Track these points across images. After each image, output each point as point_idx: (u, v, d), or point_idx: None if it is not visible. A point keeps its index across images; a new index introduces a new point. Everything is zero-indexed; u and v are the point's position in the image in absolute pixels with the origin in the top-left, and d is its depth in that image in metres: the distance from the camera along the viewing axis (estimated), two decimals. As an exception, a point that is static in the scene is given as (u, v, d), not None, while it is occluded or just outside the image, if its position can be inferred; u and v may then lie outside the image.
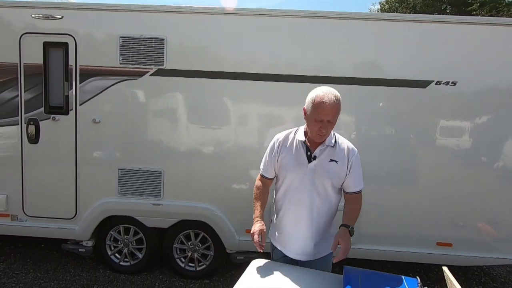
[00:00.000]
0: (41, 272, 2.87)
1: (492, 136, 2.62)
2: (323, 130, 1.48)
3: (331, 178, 1.57)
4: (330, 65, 2.61)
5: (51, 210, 2.81)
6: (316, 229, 1.60)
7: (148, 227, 2.81)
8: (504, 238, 2.68)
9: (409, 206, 2.67)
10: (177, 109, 2.72)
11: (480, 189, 2.64)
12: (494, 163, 2.66)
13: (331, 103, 1.44)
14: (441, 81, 2.55)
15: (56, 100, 2.73)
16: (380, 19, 2.63)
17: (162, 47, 2.61)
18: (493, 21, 2.63)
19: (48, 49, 2.68)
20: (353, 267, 1.46)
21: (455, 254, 2.69)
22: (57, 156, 2.77)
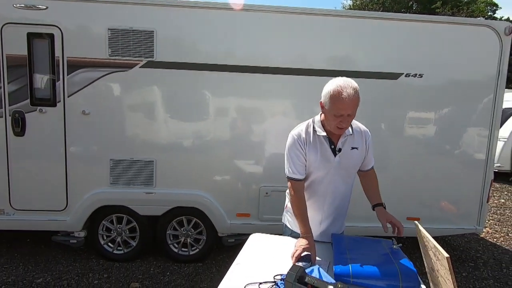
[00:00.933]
0: (32, 265, 2.87)
1: (454, 124, 2.97)
2: (343, 124, 1.44)
3: (355, 165, 1.62)
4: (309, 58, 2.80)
5: (40, 203, 2.80)
6: (338, 212, 1.67)
7: (141, 215, 2.90)
8: (461, 213, 3.07)
9: (383, 188, 2.96)
10: (167, 100, 2.81)
11: (443, 172, 2.98)
12: (455, 150, 3.02)
13: (350, 97, 1.37)
14: (410, 73, 2.86)
15: (43, 92, 2.71)
16: (355, 16, 2.86)
17: (152, 40, 2.68)
18: (455, 21, 2.97)
19: (33, 40, 2.64)
20: (339, 234, 1.69)
21: (423, 226, 3.04)
22: (45, 148, 2.76)
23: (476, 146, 3.00)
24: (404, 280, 1.22)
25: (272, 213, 2.74)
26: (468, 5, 20.21)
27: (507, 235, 4.11)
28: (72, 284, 2.58)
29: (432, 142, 3.00)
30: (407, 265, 1.30)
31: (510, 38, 2.87)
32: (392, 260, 1.34)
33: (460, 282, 2.87)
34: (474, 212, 3.05)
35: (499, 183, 7.03)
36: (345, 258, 1.37)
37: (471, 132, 2.99)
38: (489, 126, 2.95)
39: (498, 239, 3.96)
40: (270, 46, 2.78)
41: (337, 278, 1.26)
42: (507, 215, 4.92)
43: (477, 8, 21.03)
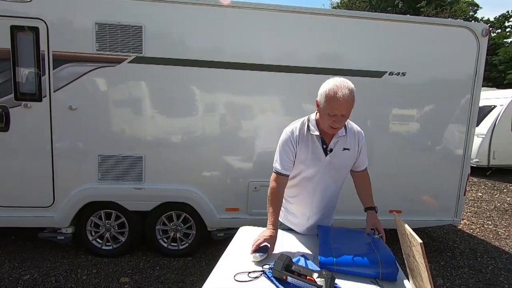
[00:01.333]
0: (18, 262, 2.83)
1: (434, 122, 3.10)
2: (337, 124, 1.46)
3: (346, 165, 1.66)
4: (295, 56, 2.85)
5: (26, 199, 2.76)
6: (327, 209, 1.72)
7: (130, 211, 2.90)
8: (440, 205, 3.22)
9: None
10: (156, 96, 2.81)
11: (423, 167, 3.12)
12: (435, 146, 3.16)
13: (345, 98, 1.39)
14: (394, 71, 2.96)
15: (28, 86, 2.66)
16: (341, 15, 2.93)
17: (140, 35, 2.67)
18: (436, 22, 3.07)
19: (17, 33, 2.59)
20: (325, 226, 1.77)
21: (404, 219, 3.18)
22: (31, 143, 2.71)
23: (454, 142, 3.15)
24: (384, 266, 1.31)
25: (261, 208, 2.77)
26: (451, 5, 20.78)
27: (482, 226, 4.34)
28: (60, 280, 2.57)
29: (414, 139, 3.13)
30: (386, 253, 1.39)
31: (487, 39, 3.02)
32: (373, 249, 1.43)
33: (438, 270, 3.03)
34: (452, 205, 3.22)
35: (477, 178, 7.37)
36: (330, 248, 1.45)
37: (450, 129, 3.13)
38: (467, 123, 3.11)
39: (474, 230, 4.18)
40: (258, 43, 2.82)
41: (322, 266, 1.34)
42: (483, 208, 5.19)
43: (460, 8, 21.65)
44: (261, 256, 1.36)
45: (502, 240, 3.87)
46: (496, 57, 19.13)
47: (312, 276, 1.22)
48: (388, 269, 1.30)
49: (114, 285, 2.54)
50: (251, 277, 1.29)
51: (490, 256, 3.40)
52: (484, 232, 4.13)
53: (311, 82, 2.78)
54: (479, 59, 3.01)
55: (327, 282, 1.17)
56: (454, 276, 2.94)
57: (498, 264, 3.21)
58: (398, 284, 1.29)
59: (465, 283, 2.82)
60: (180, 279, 2.68)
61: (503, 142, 7.29)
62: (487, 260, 3.30)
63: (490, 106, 7.70)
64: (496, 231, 4.16)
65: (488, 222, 4.50)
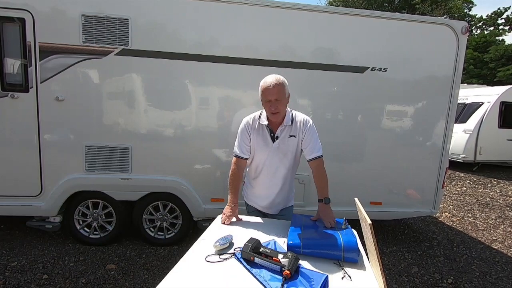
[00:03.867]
0: (6, 249, 2.89)
1: (414, 117, 3.20)
2: (273, 108, 1.73)
3: (291, 150, 1.87)
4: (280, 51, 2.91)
5: (14, 188, 2.81)
6: (280, 189, 1.93)
7: (117, 201, 2.97)
8: (419, 197, 3.34)
9: (350, 175, 3.19)
10: (142, 88, 2.86)
11: (404, 161, 3.23)
12: (415, 140, 3.26)
13: (273, 85, 1.71)
14: (376, 67, 3.04)
15: (14, 77, 2.69)
16: (326, 11, 2.98)
17: (127, 27, 2.70)
18: (417, 19, 3.14)
19: (2, 24, 2.61)
20: (299, 214, 1.86)
21: (384, 210, 3.31)
22: (18, 133, 2.76)
23: (433, 137, 3.26)
24: (346, 250, 1.40)
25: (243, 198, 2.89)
26: (446, 2, 20.87)
27: (462, 218, 4.49)
28: (48, 267, 2.64)
29: (394, 133, 3.22)
30: (350, 238, 1.48)
31: (466, 37, 3.11)
32: (339, 236, 1.52)
33: (415, 259, 3.16)
34: (431, 197, 3.34)
35: (463, 173, 7.56)
36: (299, 233, 1.54)
37: (429, 124, 3.24)
38: (446, 119, 3.21)
39: (454, 222, 4.33)
40: (248, 38, 2.87)
41: (289, 249, 1.43)
42: (466, 201, 5.35)
43: (455, 5, 21.74)
44: (221, 245, 1.44)
45: (479, 232, 4.02)
46: (487, 54, 19.32)
47: (277, 257, 1.31)
48: (349, 252, 1.40)
49: (101, 271, 2.62)
50: (221, 258, 1.38)
51: (466, 246, 3.54)
52: (464, 224, 4.28)
53: (304, 77, 2.90)
54: (458, 56, 3.10)
55: (290, 262, 1.26)
56: (429, 264, 3.08)
57: (472, 254, 3.35)
58: (359, 266, 1.39)
59: (439, 271, 2.95)
60: (165, 267, 2.76)
61: (489, 138, 7.47)
62: (462, 250, 3.44)
63: (478, 103, 7.86)
64: (475, 223, 4.32)
65: (469, 215, 4.65)
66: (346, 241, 1.45)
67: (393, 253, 3.26)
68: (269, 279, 1.23)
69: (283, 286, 1.17)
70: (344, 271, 1.31)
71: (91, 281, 2.47)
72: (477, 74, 19.55)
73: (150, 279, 2.55)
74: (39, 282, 2.43)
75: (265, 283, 1.20)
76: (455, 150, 7.57)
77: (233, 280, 1.23)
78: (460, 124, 7.59)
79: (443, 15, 19.00)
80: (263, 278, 1.24)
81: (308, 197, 3.04)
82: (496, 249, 3.51)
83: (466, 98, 8.13)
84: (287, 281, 1.21)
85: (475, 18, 24.08)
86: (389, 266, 2.99)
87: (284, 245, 1.51)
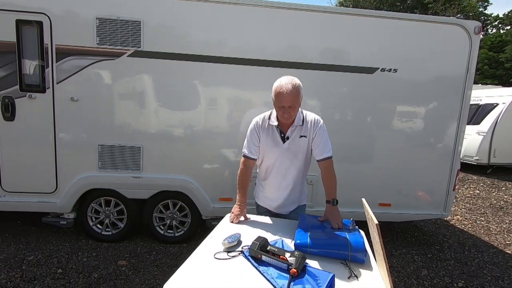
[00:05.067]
0: (23, 244, 3.00)
1: (425, 118, 3.17)
2: (285, 114, 1.71)
3: (302, 151, 1.85)
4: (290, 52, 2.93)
5: (30, 185, 2.92)
6: (291, 190, 1.92)
7: (129, 199, 3.04)
8: (430, 200, 3.30)
9: (359, 176, 3.17)
10: (154, 89, 2.92)
11: (414, 162, 3.19)
12: (426, 142, 3.22)
13: (288, 92, 1.65)
14: (385, 68, 3.03)
15: (32, 78, 2.79)
16: (335, 12, 2.99)
17: (139, 29, 2.77)
18: (429, 19, 3.10)
19: (21, 27, 2.71)
20: (306, 214, 1.87)
21: (393, 212, 3.28)
22: (35, 132, 2.86)
23: (444, 138, 3.21)
24: (352, 250, 1.41)
25: (253, 198, 2.90)
26: (460, 1, 20.41)
27: (475, 222, 4.40)
28: (62, 262, 2.73)
29: (404, 134, 3.19)
30: (357, 238, 1.49)
31: (479, 37, 3.06)
32: (346, 236, 1.53)
33: (424, 262, 3.12)
34: (441, 199, 3.30)
35: (477, 176, 7.39)
36: (306, 233, 1.56)
37: (441, 125, 3.19)
38: (457, 120, 3.17)
39: (466, 225, 4.25)
40: (257, 39, 2.90)
41: (296, 248, 1.45)
42: (479, 205, 5.23)
43: (469, 4, 21.24)
44: (229, 243, 1.47)
45: (492, 236, 3.94)
46: (503, 54, 18.79)
47: (284, 255, 1.33)
48: (356, 252, 1.41)
49: (112, 267, 2.69)
50: (230, 255, 1.41)
51: (478, 250, 3.47)
52: (476, 227, 4.20)
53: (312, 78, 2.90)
54: (471, 56, 3.05)
55: (297, 260, 1.28)
56: (439, 267, 3.03)
57: (485, 258, 3.29)
58: (366, 266, 1.39)
59: (449, 275, 2.91)
60: (174, 264, 2.82)
61: (504, 140, 7.28)
62: (474, 253, 3.38)
63: (492, 104, 7.67)
64: (488, 227, 4.23)
65: (481, 219, 4.55)
66: (354, 241, 1.46)
67: (402, 256, 3.23)
68: (276, 277, 1.25)
69: (289, 284, 1.19)
70: (350, 271, 1.32)
71: (103, 276, 2.55)
72: (492, 74, 19.04)
73: (160, 276, 2.61)
74: (54, 276, 2.51)
75: (272, 281, 1.23)
76: (468, 152, 7.41)
77: (241, 277, 1.26)
78: (473, 126, 7.42)
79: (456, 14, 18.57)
80: (270, 275, 1.26)
81: (316, 197, 3.05)
82: (510, 254, 3.44)
83: (480, 99, 7.95)
84: (294, 279, 1.23)
85: (491, 17, 23.47)
86: (398, 268, 2.97)
87: (292, 244, 1.53)
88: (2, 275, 2.49)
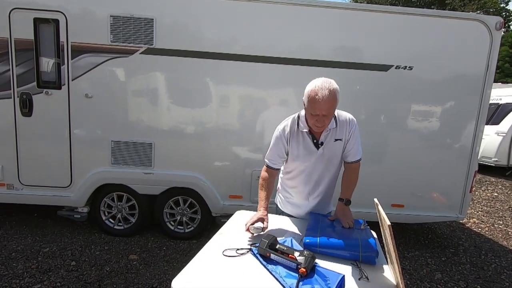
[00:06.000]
0: (39, 236, 3.10)
1: (442, 117, 3.07)
2: (318, 124, 1.53)
3: (337, 155, 1.71)
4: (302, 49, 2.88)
5: (46, 179, 3.00)
6: (322, 197, 1.79)
7: (140, 194, 3.09)
8: (445, 201, 3.20)
9: (372, 176, 3.10)
10: (166, 86, 2.94)
11: (429, 163, 3.10)
12: (442, 142, 3.11)
13: (324, 99, 1.44)
14: (400, 65, 2.94)
15: (49, 75, 2.86)
16: (347, 8, 2.92)
17: (152, 27, 2.80)
18: (447, 15, 3.00)
19: (39, 25, 2.78)
20: (316, 213, 1.84)
21: (406, 213, 3.20)
22: (51, 128, 2.93)
23: (461, 139, 3.10)
24: (363, 250, 1.38)
25: None
26: (479, -5, 19.67)
27: (492, 225, 4.25)
28: (76, 254, 2.80)
29: (420, 134, 3.10)
30: (368, 238, 1.46)
31: (501, 33, 2.93)
32: (357, 236, 1.50)
33: (438, 265, 3.04)
34: (457, 201, 3.19)
35: (495, 177, 7.13)
36: (316, 231, 1.53)
37: (458, 125, 3.09)
38: (476, 120, 3.05)
39: (483, 229, 4.11)
40: (269, 36, 2.87)
41: (305, 247, 1.43)
42: (496, 207, 5.05)
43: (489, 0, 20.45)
44: (256, 230, 1.49)
45: (511, 240, 3.79)
46: (527, 52, 18.02)
47: (293, 254, 1.31)
48: (367, 252, 1.37)
49: (124, 261, 2.74)
50: (238, 253, 1.40)
51: (495, 254, 3.35)
52: (493, 231, 4.05)
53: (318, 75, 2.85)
54: (491, 53, 2.93)
55: (306, 260, 1.26)
56: (454, 271, 2.95)
57: (502, 263, 3.17)
58: (377, 267, 1.36)
59: (464, 279, 2.82)
60: (184, 260, 2.84)
61: (525, 141, 6.99)
62: (491, 258, 3.26)
63: (513, 103, 7.37)
64: (506, 231, 4.07)
65: (499, 222, 4.39)
66: (365, 241, 1.43)
67: (415, 258, 3.15)
68: (285, 276, 1.23)
69: (298, 283, 1.17)
70: (361, 272, 1.29)
71: (114, 270, 2.60)
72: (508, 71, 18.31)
73: (170, 271, 2.64)
74: (67, 268, 2.58)
75: (280, 280, 1.21)
76: (487, 153, 7.15)
77: (249, 275, 1.25)
78: (492, 126, 7.15)
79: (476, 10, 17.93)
80: (279, 274, 1.25)
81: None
82: (529, 259, 3.30)
83: (499, 98, 7.65)
84: (302, 278, 1.21)
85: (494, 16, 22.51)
86: (410, 271, 2.90)
87: (301, 243, 1.50)
88: (19, 265, 2.57)
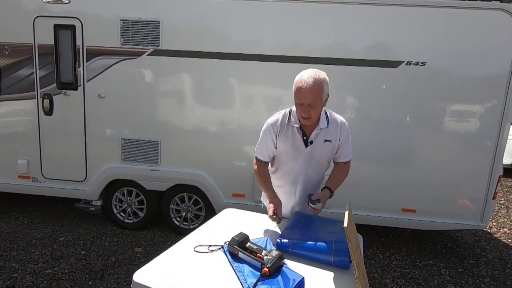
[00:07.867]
0: (58, 226, 3.35)
1: (460, 117, 2.84)
2: (303, 113, 1.48)
3: (326, 156, 1.67)
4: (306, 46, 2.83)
5: (65, 173, 3.25)
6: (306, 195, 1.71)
7: (148, 190, 3.22)
8: (462, 208, 2.94)
9: (381, 179, 2.96)
10: (172, 86, 3.04)
11: (446, 166, 2.89)
12: (460, 143, 2.89)
13: (308, 87, 1.41)
14: (412, 61, 2.77)
15: (67, 77, 3.09)
16: (354, 2, 2.78)
17: (158, 29, 2.91)
18: (467, 5, 2.74)
19: (58, 30, 3.01)
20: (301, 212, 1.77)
21: (419, 219, 3.00)
22: (69, 126, 3.16)
23: (483, 140, 2.84)
24: (336, 254, 1.32)
25: (256, 196, 2.89)
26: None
27: (526, 237, 3.84)
28: (87, 244, 2.99)
29: (435, 134, 2.89)
30: (343, 243, 1.39)
31: (529, 23, 2.64)
32: (333, 238, 1.43)
33: (452, 277, 2.81)
34: (478, 208, 2.93)
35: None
36: (293, 232, 1.50)
37: (479, 124, 2.83)
38: (500, 119, 2.78)
39: (514, 240, 3.72)
40: (269, 34, 2.85)
41: (278, 247, 1.40)
42: (535, 218, 4.54)
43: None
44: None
45: (546, 254, 3.40)
46: None
47: (261, 254, 1.30)
48: (340, 257, 1.31)
49: (129, 253, 2.88)
50: (209, 249, 1.42)
51: (523, 269, 3.03)
52: (527, 243, 3.66)
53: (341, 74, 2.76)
54: (517, 46, 2.65)
55: (271, 260, 1.24)
56: (470, 284, 2.71)
57: (530, 279, 2.86)
58: (350, 271, 1.30)
59: (480, 293, 2.59)
60: (186, 255, 2.91)
61: None
62: (517, 273, 2.95)
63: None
64: (543, 244, 3.65)
65: (536, 234, 3.95)
66: (339, 244, 1.37)
67: (427, 267, 2.94)
68: (247, 275, 1.22)
69: (257, 282, 1.16)
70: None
71: (119, 261, 2.74)
72: None
73: (170, 265, 2.72)
74: (77, 256, 2.77)
75: (241, 278, 1.20)
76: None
77: (213, 272, 1.26)
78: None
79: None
80: (242, 273, 1.24)
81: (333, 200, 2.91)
82: None
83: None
84: (264, 278, 1.19)
85: None
86: (419, 280, 2.71)
87: (276, 243, 1.48)
88: (37, 251, 2.81)
